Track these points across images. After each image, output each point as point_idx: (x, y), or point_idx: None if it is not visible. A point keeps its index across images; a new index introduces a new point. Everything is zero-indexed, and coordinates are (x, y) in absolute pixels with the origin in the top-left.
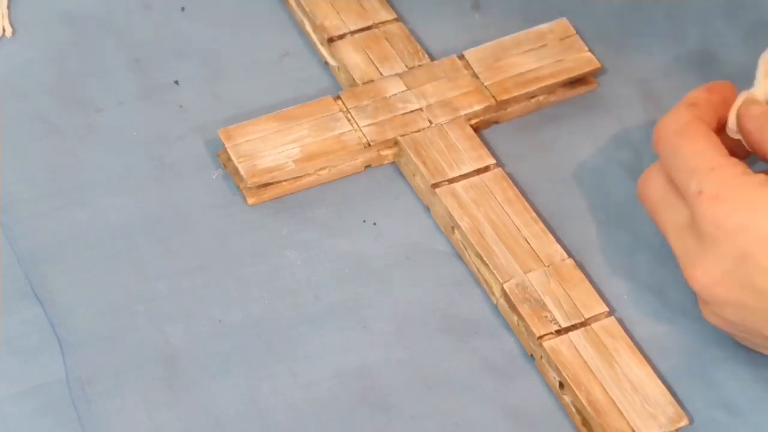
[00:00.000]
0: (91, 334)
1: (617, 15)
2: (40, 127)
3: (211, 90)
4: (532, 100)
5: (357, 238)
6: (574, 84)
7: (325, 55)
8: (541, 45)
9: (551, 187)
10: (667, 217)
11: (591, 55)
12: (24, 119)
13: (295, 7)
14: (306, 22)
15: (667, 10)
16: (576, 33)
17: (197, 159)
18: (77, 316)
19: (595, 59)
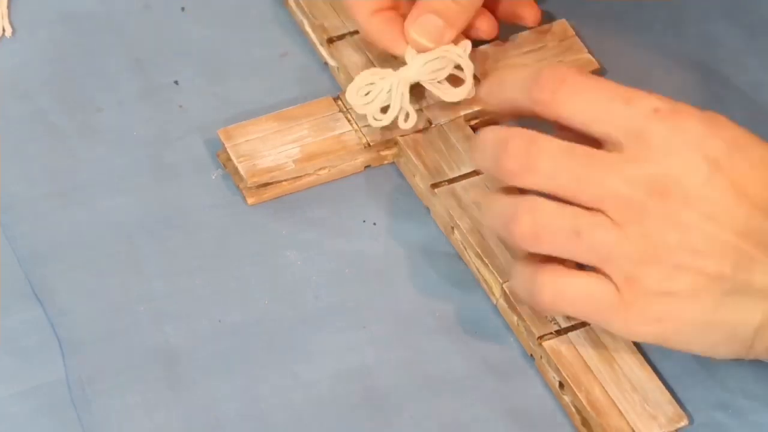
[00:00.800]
0: (91, 334)
1: (617, 15)
2: (40, 127)
3: (211, 90)
4: None
5: (357, 238)
6: None
7: (325, 56)
8: (540, 46)
9: None
10: None
11: (590, 56)
12: (24, 119)
13: (295, 7)
14: (305, 22)
15: (667, 10)
16: (575, 35)
17: (197, 159)
18: (77, 316)
19: (594, 61)
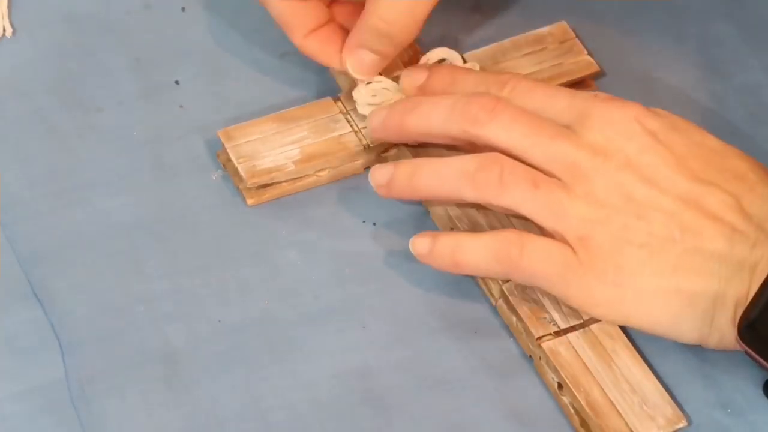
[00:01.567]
0: (91, 334)
1: (617, 15)
2: (40, 127)
3: (211, 90)
4: None
5: (357, 238)
6: (573, 87)
7: None
8: (540, 48)
9: None
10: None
11: (590, 58)
12: (24, 119)
13: None
14: None
15: (667, 10)
16: (575, 36)
17: (197, 159)
18: (77, 316)
19: (594, 63)
